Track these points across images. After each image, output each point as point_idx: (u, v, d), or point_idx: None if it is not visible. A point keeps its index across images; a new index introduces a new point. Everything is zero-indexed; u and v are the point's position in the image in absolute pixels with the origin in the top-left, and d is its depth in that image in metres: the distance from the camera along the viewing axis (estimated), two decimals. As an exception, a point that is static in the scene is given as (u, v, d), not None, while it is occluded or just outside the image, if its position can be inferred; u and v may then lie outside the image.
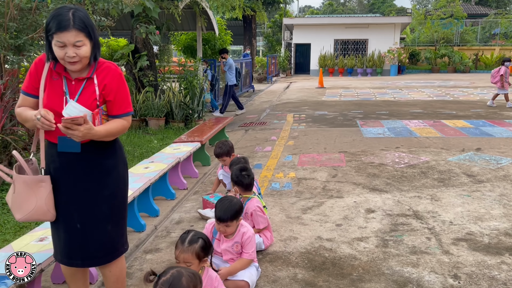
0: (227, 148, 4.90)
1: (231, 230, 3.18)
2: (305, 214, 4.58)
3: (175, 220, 4.61)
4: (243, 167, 3.87)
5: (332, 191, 5.30)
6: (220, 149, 4.89)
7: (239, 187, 3.81)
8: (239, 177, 3.78)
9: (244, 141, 8.48)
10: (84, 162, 2.44)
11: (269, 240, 3.82)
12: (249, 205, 3.76)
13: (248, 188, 3.82)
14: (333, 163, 6.55)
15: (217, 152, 4.90)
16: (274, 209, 4.76)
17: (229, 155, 4.92)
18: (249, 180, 3.80)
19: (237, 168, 3.86)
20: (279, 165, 6.61)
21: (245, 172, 3.81)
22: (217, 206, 3.20)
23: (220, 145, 4.93)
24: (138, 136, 9.36)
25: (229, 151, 4.92)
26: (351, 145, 7.68)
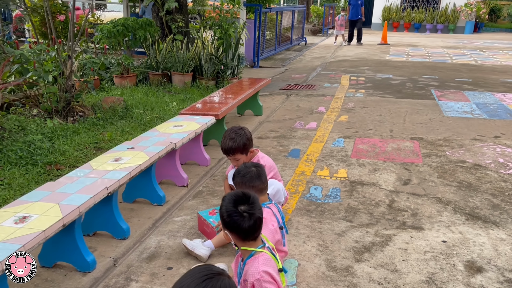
0: (243, 140, 3.06)
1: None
2: (360, 262, 2.73)
3: (149, 250, 2.92)
4: (241, 196, 2.00)
5: (404, 213, 3.37)
6: (232, 142, 3.05)
7: (233, 234, 1.99)
8: (234, 216, 1.95)
9: (282, 112, 6.57)
10: None
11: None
12: (250, 268, 1.96)
13: (248, 237, 1.99)
14: (404, 158, 4.54)
15: (227, 146, 3.07)
16: (308, 244, 2.94)
17: (244, 151, 3.09)
18: (252, 222, 1.96)
19: (230, 197, 2.01)
20: (325, 154, 4.70)
21: (246, 207, 1.96)
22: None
23: (231, 135, 3.08)
24: (156, 94, 7.70)
25: (246, 146, 3.08)
26: (428, 128, 5.56)
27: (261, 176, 2.58)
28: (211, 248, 2.77)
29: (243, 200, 1.98)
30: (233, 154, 3.05)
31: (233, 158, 3.09)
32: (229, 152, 3.05)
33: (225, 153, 3.09)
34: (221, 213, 1.98)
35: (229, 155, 3.08)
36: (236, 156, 3.05)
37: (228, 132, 3.10)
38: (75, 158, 4.62)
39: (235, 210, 1.94)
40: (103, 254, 2.82)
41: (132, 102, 6.99)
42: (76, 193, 2.63)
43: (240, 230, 1.94)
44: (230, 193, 2.04)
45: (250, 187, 2.53)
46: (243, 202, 1.97)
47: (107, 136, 5.37)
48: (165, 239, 3.05)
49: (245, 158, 3.09)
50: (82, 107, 6.45)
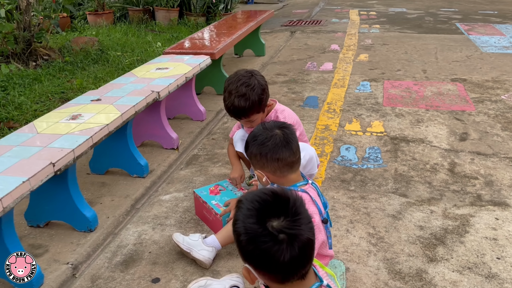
0: (257, 94, 2.02)
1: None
2: (436, 264, 1.85)
3: (124, 250, 2.01)
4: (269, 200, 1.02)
5: (475, 181, 2.48)
6: (245, 101, 2.00)
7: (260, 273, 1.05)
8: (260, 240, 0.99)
9: (288, 51, 5.50)
10: None
11: None
12: None
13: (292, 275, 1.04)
14: (451, 105, 3.60)
15: (237, 105, 2.02)
16: (353, 233, 2.05)
17: (261, 108, 2.08)
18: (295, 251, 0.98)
19: (251, 204, 1.02)
20: (350, 101, 3.73)
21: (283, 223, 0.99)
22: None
23: (240, 88, 2.02)
24: (137, 34, 6.55)
25: (262, 100, 2.06)
26: (468, 67, 4.58)
27: (291, 143, 1.61)
28: (217, 247, 1.87)
29: (276, 207, 1.03)
30: (246, 116, 2.06)
31: (246, 121, 2.11)
32: (240, 114, 2.05)
33: (234, 115, 2.09)
34: (236, 234, 1.05)
35: (240, 118, 2.09)
36: (251, 118, 2.07)
37: (233, 84, 2.05)
38: (34, 112, 3.63)
39: (262, 231, 1.00)
40: (56, 257, 1.92)
41: (109, 43, 5.88)
42: (2, 174, 1.67)
43: (275, 266, 1.01)
44: (249, 195, 1.08)
45: (274, 160, 1.59)
46: (276, 211, 1.03)
47: (76, 84, 4.33)
48: (148, 230, 2.14)
49: (262, 116, 2.12)
50: (47, 50, 5.33)
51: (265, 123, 1.68)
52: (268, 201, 1.05)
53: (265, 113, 2.14)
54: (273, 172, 1.60)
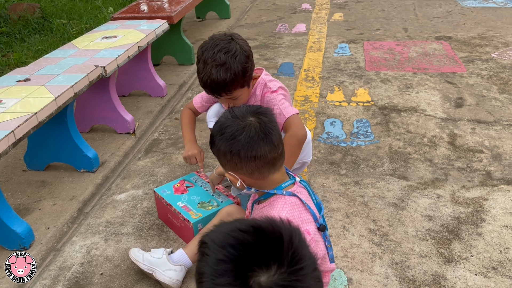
0: (241, 62, 1.56)
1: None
2: (455, 265, 1.53)
3: (69, 272, 1.58)
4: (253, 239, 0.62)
5: (481, 156, 2.17)
6: (225, 72, 1.54)
7: None
8: None
9: (255, 12, 4.99)
10: None
11: None
12: None
13: None
14: (440, 66, 3.26)
15: (216, 79, 1.54)
16: (352, 230, 1.70)
17: (246, 81, 1.63)
18: None
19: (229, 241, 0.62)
20: (329, 67, 3.33)
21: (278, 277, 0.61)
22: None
23: (218, 56, 1.55)
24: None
25: (246, 71, 1.60)
26: (451, 24, 4.24)
27: (271, 134, 1.18)
28: (186, 264, 1.48)
29: (264, 252, 0.64)
30: (228, 92, 1.60)
31: (226, 99, 1.66)
32: (220, 89, 1.59)
33: (212, 91, 1.62)
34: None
35: (220, 95, 1.63)
36: (234, 94, 1.62)
37: (209, 51, 1.58)
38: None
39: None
40: (-21, 291, 1.48)
41: (52, 10, 5.20)
42: None
43: None
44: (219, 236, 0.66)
45: (250, 158, 1.16)
46: (264, 259, 0.63)
47: (13, 59, 3.74)
48: (100, 242, 1.72)
49: (246, 93, 1.68)
50: (-22, 20, 4.63)
51: (234, 109, 1.24)
52: (248, 243, 0.65)
53: (251, 88, 1.71)
54: (250, 173, 1.19)
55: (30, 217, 1.83)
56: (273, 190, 1.21)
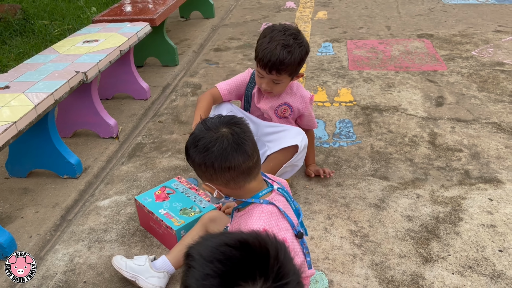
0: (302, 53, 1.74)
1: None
2: (433, 264, 1.57)
3: (52, 280, 1.59)
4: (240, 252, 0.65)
5: (459, 154, 2.21)
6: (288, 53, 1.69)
7: None
8: None
9: (239, 11, 4.99)
10: None
11: None
12: None
13: None
14: (421, 64, 3.30)
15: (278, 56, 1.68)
16: (333, 232, 1.73)
17: (295, 72, 1.80)
18: None
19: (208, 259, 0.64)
20: (313, 67, 3.36)
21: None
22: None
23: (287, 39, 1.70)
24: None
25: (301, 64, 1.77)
26: (433, 21, 4.28)
27: (244, 144, 1.19)
28: (169, 271, 1.49)
29: (251, 267, 0.65)
30: (278, 73, 1.71)
31: (271, 79, 1.75)
32: (275, 67, 1.69)
33: (266, 67, 1.71)
34: None
35: (270, 72, 1.71)
36: (281, 77, 1.74)
37: (279, 32, 1.71)
38: None
39: None
40: (-39, 303, 1.48)
41: (34, 11, 5.13)
42: None
43: None
44: (205, 250, 0.68)
45: (224, 169, 1.17)
46: (250, 274, 0.64)
47: (-6, 63, 3.69)
48: (83, 250, 1.72)
49: (287, 83, 1.82)
50: (-43, 22, 4.55)
51: (207, 120, 1.25)
52: (236, 258, 0.67)
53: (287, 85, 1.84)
54: (226, 184, 1.20)
55: (13, 226, 1.83)
56: (250, 199, 1.23)
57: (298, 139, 1.81)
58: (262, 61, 1.71)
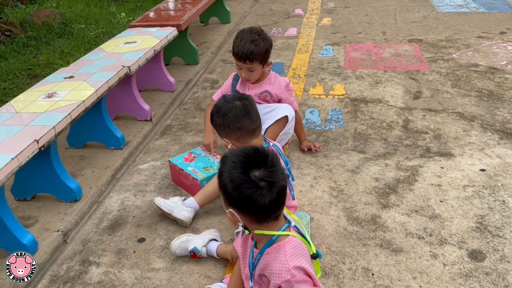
0: (266, 46, 2.33)
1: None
2: (388, 209, 2.12)
3: (109, 216, 2.19)
4: (252, 154, 1.25)
5: (425, 135, 2.75)
6: (255, 46, 2.27)
7: (244, 215, 1.26)
8: (244, 187, 1.20)
9: (253, 17, 5.58)
10: None
11: None
12: (272, 262, 1.29)
13: (267, 217, 1.27)
14: (407, 65, 3.84)
15: (247, 49, 2.27)
16: (317, 187, 2.30)
17: (264, 60, 2.37)
18: (273, 196, 1.23)
19: (236, 157, 1.24)
20: (314, 66, 3.92)
21: (263, 173, 1.22)
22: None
23: (253, 36, 2.30)
24: (100, 4, 6.45)
25: (268, 53, 2.36)
26: (425, 27, 4.81)
27: (250, 112, 1.80)
28: (195, 207, 2.08)
29: (257, 160, 1.23)
30: (250, 62, 2.30)
31: (247, 68, 2.34)
32: (247, 57, 2.29)
33: (241, 58, 2.31)
34: (223, 183, 1.24)
35: (245, 62, 2.31)
36: (253, 65, 2.33)
37: (247, 33, 2.33)
38: (3, 91, 3.67)
39: (246, 179, 1.20)
40: (47, 226, 2.08)
41: (71, 16, 5.79)
42: (-10, 153, 1.80)
43: (256, 208, 1.22)
44: (234, 151, 1.28)
45: (236, 129, 1.77)
46: (257, 164, 1.23)
47: (42, 60, 4.33)
48: (130, 197, 2.32)
49: (260, 70, 2.38)
50: (8, 25, 5.22)
51: (226, 96, 1.85)
52: (251, 155, 1.24)
53: (262, 72, 2.39)
54: (237, 139, 1.78)
55: (77, 180, 2.43)
56: None
57: (287, 111, 2.38)
58: (237, 54, 2.30)
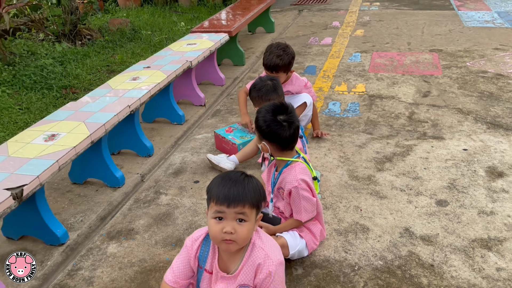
0: (288, 59, 3.01)
1: (245, 234, 1.57)
2: (382, 172, 2.77)
3: (174, 166, 2.99)
4: (279, 106, 2.01)
5: (424, 124, 3.36)
6: (279, 60, 2.96)
7: (272, 144, 2.01)
8: (273, 126, 1.96)
9: (295, 28, 6.34)
10: None
11: (317, 238, 2.13)
12: (287, 176, 2.01)
13: (287, 146, 2.02)
14: (423, 70, 4.43)
15: (273, 62, 2.97)
16: (329, 156, 2.98)
17: (287, 70, 3.07)
18: (292, 131, 1.98)
19: (268, 108, 2.01)
20: (342, 69, 4.60)
21: (285, 117, 1.97)
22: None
23: (278, 52, 2.99)
24: (163, 15, 7.44)
25: (290, 65, 3.06)
26: (448, 40, 5.36)
27: (277, 89, 2.59)
28: (236, 162, 2.82)
29: (281, 109, 1.98)
30: (276, 72, 3.00)
31: (275, 75, 3.03)
32: (273, 69, 2.99)
33: (269, 69, 3.03)
34: (259, 124, 1.98)
35: (271, 72, 3.02)
36: (278, 74, 3.01)
37: (274, 48, 3.02)
38: (89, 81, 4.59)
39: (274, 120, 1.95)
40: (130, 171, 2.90)
41: (139, 24, 6.78)
42: (100, 112, 2.64)
43: (280, 139, 1.96)
44: (266, 104, 2.03)
45: (266, 100, 2.51)
46: (281, 111, 1.97)
47: (118, 59, 5.28)
48: (188, 155, 3.11)
49: (284, 76, 3.07)
50: (89, 30, 6.27)
51: (261, 76, 2.61)
52: (277, 106, 1.99)
53: (287, 76, 3.09)
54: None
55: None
56: None
57: (305, 99, 3.07)
58: (266, 66, 3.01)
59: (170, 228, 2.37)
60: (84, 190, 2.70)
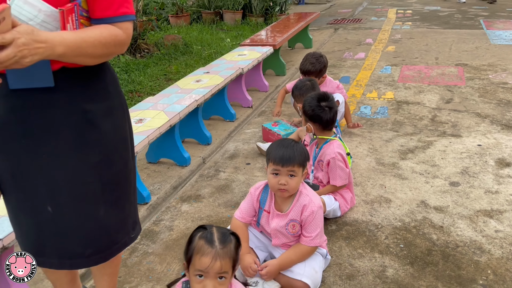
0: (320, 67, 3.64)
1: (294, 185, 2.02)
2: (404, 160, 3.28)
3: (229, 152, 3.59)
4: (322, 95, 2.63)
5: (445, 124, 3.84)
6: (312, 66, 3.61)
7: (315, 124, 2.60)
8: (317, 110, 2.56)
9: (331, 44, 6.93)
10: (53, 109, 1.40)
11: (348, 203, 2.67)
12: (326, 150, 2.58)
13: (327, 127, 2.61)
14: (448, 81, 4.90)
15: (306, 68, 3.63)
16: (360, 147, 3.51)
17: (319, 75, 3.68)
18: (331, 115, 2.58)
19: (313, 96, 2.63)
20: (373, 80, 5.13)
21: (326, 103, 2.57)
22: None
23: (312, 59, 3.64)
24: (210, 32, 8.21)
25: (321, 72, 3.68)
26: (473, 55, 5.80)
27: (315, 87, 3.19)
28: (280, 149, 3.41)
29: (324, 98, 2.57)
30: (308, 76, 3.61)
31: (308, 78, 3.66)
32: (306, 73, 3.63)
33: (302, 73, 3.67)
34: (306, 109, 2.57)
35: (305, 76, 3.64)
36: (311, 77, 3.62)
37: (310, 56, 3.67)
38: (151, 87, 5.32)
39: (318, 105, 2.54)
40: (193, 154, 3.52)
41: (190, 39, 7.55)
42: (174, 104, 3.29)
43: (322, 121, 2.55)
44: (312, 94, 2.62)
45: None
46: (324, 99, 2.57)
47: (173, 69, 6.01)
48: (240, 144, 3.71)
49: (317, 81, 3.65)
50: (147, 45, 7.08)
51: (301, 79, 3.21)
52: (321, 95, 2.57)
53: (320, 80, 3.69)
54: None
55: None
56: None
57: (338, 97, 3.62)
58: (301, 70, 3.63)
59: (229, 195, 2.96)
60: (158, 168, 3.34)
